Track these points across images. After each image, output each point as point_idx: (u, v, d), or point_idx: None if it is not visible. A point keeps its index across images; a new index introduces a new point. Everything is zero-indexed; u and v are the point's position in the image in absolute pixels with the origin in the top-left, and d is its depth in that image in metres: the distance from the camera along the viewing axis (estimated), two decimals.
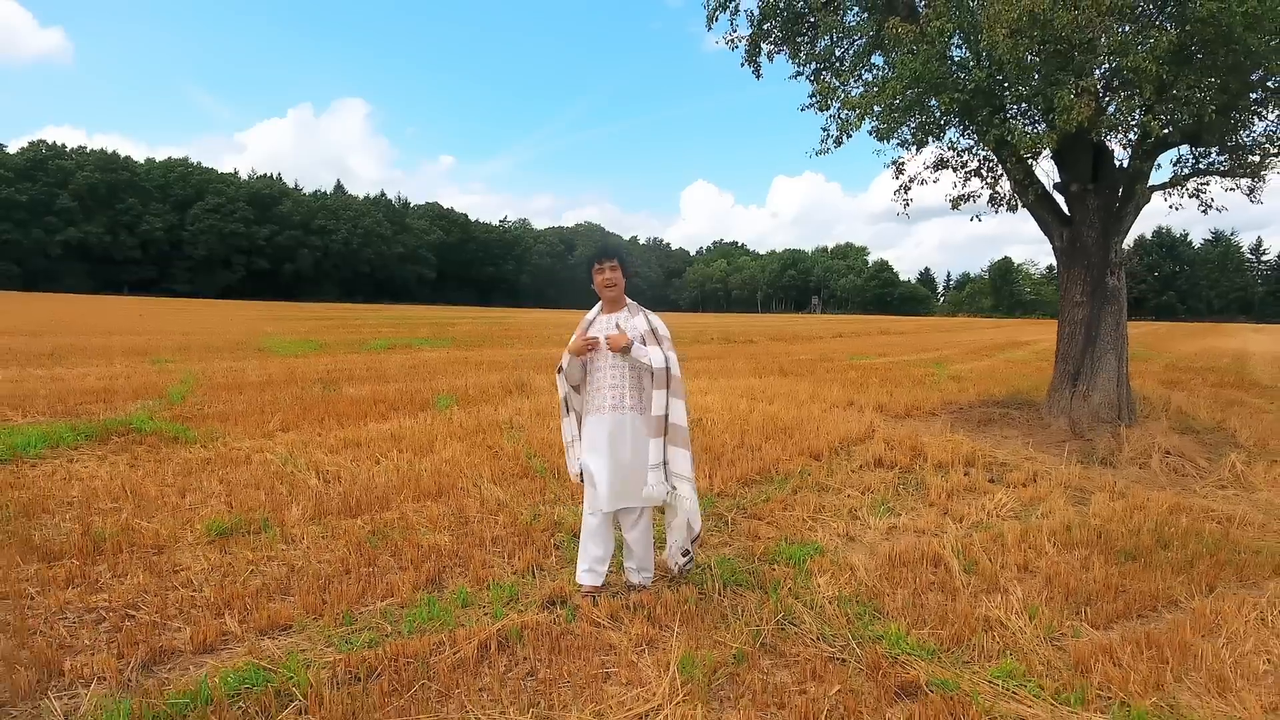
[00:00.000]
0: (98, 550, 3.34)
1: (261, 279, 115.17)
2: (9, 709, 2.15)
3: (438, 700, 2.27)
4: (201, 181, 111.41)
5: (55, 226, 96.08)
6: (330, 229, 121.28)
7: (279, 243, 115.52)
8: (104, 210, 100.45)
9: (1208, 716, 2.36)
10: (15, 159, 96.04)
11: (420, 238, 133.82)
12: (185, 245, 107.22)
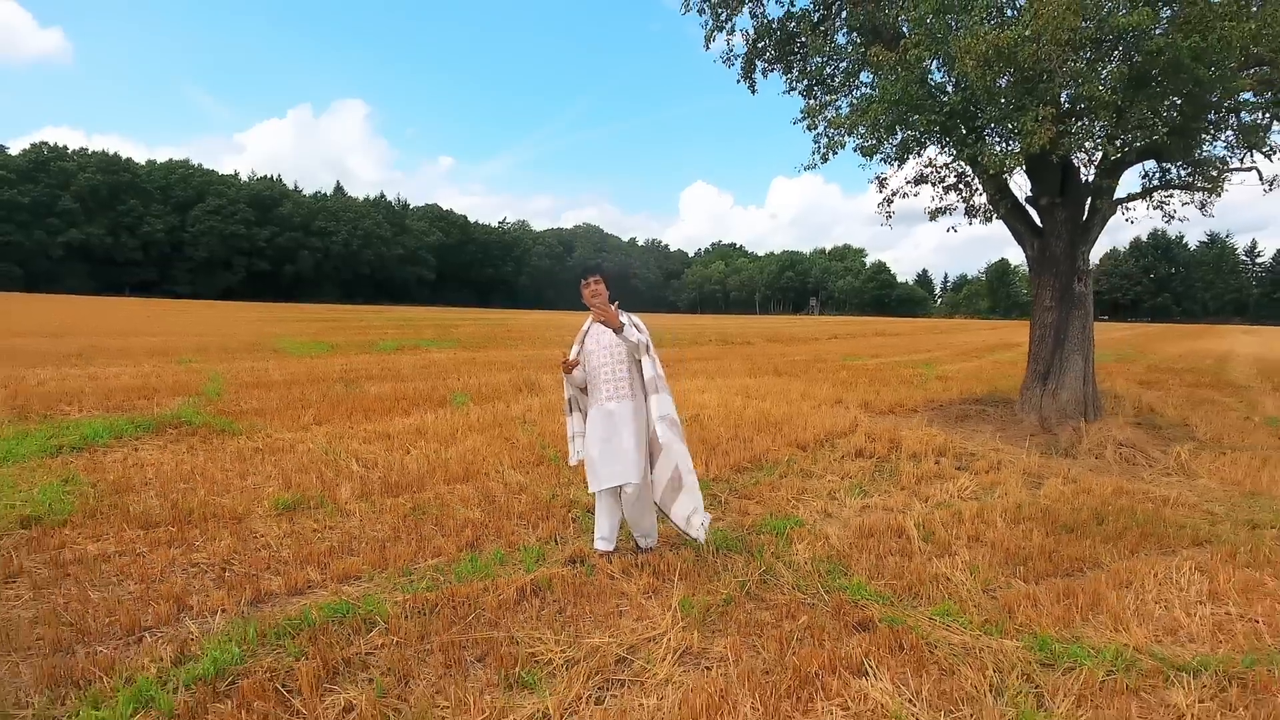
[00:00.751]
0: (187, 520, 3.93)
1: (262, 280, 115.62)
2: (155, 630, 2.74)
3: (488, 626, 2.87)
4: (202, 183, 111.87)
5: (57, 228, 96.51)
6: (330, 230, 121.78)
7: (279, 244, 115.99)
8: (105, 212, 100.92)
9: (1100, 643, 2.96)
10: (17, 160, 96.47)
11: (420, 239, 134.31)
12: (186, 247, 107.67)
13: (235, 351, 14.86)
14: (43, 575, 3.19)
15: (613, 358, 3.66)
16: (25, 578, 3.16)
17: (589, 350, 3.74)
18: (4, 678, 2.35)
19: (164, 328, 23.13)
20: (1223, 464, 6.55)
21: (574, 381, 3.79)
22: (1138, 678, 2.71)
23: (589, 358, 3.72)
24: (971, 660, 2.77)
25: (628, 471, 3.55)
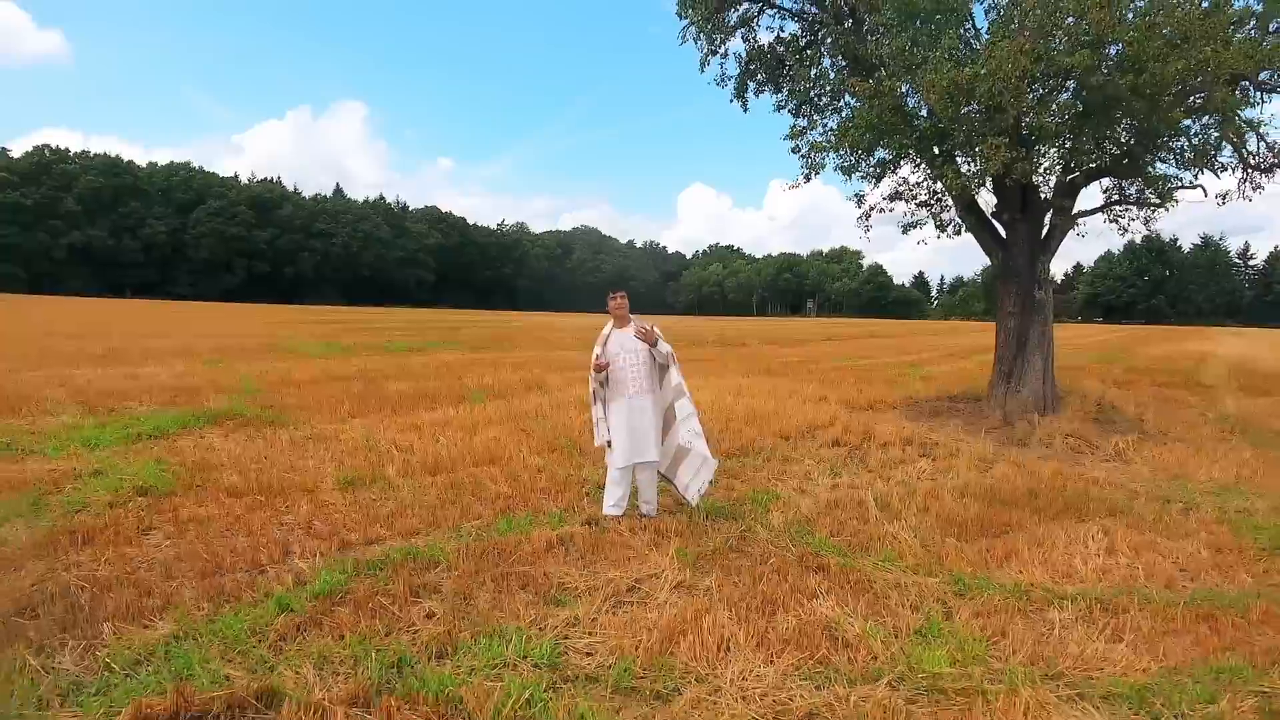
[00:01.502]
0: (268, 491, 4.74)
1: (262, 282, 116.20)
2: (268, 569, 3.55)
3: (526, 565, 3.68)
4: (203, 185, 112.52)
5: (60, 230, 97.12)
6: (330, 232, 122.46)
7: (280, 246, 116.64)
8: (107, 214, 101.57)
9: (1005, 581, 3.78)
10: (20, 163, 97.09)
11: (419, 241, 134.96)
12: (187, 248, 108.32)
13: (254, 353, 15.66)
14: (169, 530, 3.99)
15: (637, 359, 4.47)
16: (157, 531, 3.96)
17: (613, 353, 4.51)
18: (173, 593, 3.16)
19: (177, 330, 23.90)
20: (1159, 453, 7.38)
21: (599, 378, 4.55)
22: (1028, 603, 3.53)
23: (613, 359, 4.50)
24: (900, 590, 3.59)
25: (649, 451, 4.41)
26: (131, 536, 3.83)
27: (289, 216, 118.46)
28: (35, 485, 4.58)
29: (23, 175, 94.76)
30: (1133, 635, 3.19)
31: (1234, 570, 4.09)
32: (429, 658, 2.71)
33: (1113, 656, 2.97)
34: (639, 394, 4.47)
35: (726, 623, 3.11)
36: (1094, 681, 2.77)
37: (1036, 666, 2.86)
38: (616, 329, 4.64)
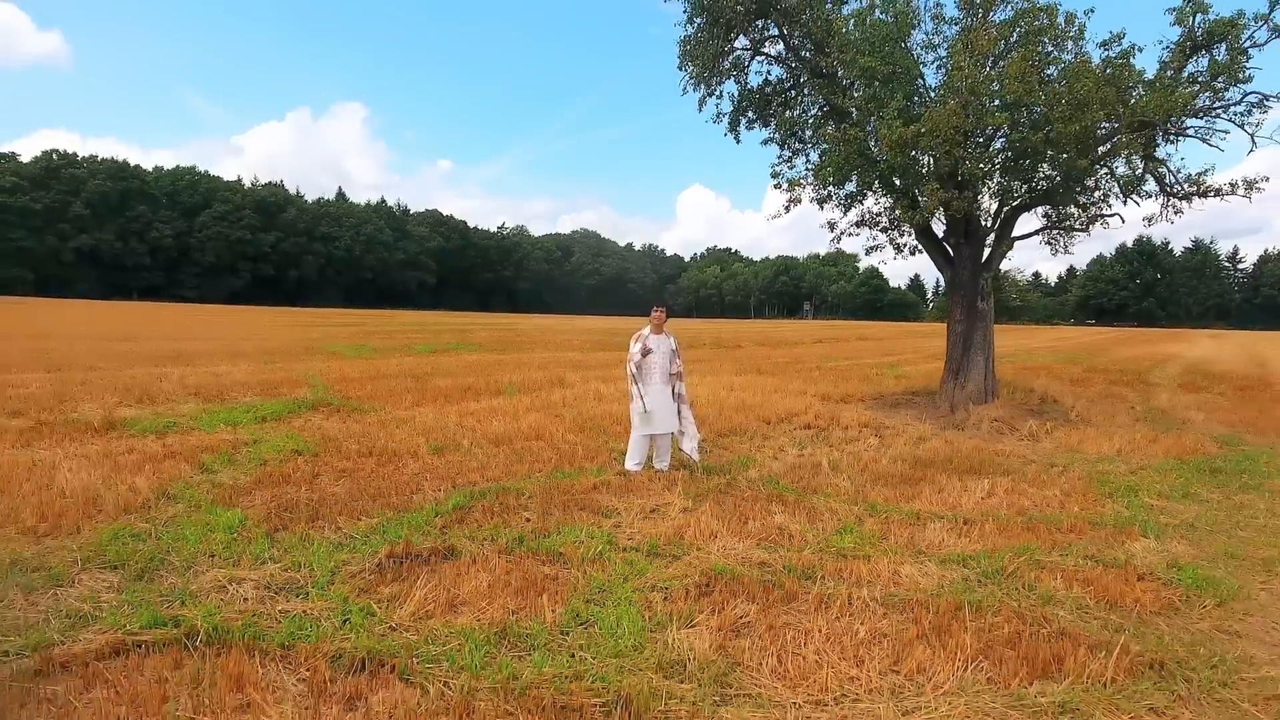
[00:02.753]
0: (383, 455, 6.51)
1: (267, 285, 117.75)
2: (415, 496, 5.31)
3: (584, 494, 5.45)
4: (209, 189, 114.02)
5: (68, 233, 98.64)
6: (334, 236, 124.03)
7: (284, 249, 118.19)
8: (115, 218, 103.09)
9: (910, 507, 5.56)
10: (29, 167, 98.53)
11: (421, 244, 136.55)
12: (193, 252, 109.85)
13: (297, 354, 17.40)
14: (332, 476, 5.77)
15: (664, 361, 6.26)
16: (323, 477, 5.73)
17: (644, 345, 6.27)
18: (363, 507, 4.92)
19: (211, 333, 25.64)
20: (1067, 433, 9.18)
21: (638, 363, 6.27)
22: (917, 520, 5.31)
23: (649, 357, 6.27)
24: (831, 512, 5.37)
25: (669, 423, 6.23)
26: (309, 480, 5.60)
27: (292, 220, 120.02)
28: (217, 450, 6.35)
29: (32, 180, 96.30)
30: (978, 535, 4.97)
31: (1070, 504, 5.88)
32: (536, 536, 4.49)
33: (958, 544, 4.75)
34: (661, 384, 6.26)
35: (714, 524, 4.89)
36: (939, 554, 4.55)
37: (907, 548, 4.64)
38: (653, 333, 6.42)
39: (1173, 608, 3.82)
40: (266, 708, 2.49)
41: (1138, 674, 3.04)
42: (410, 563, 3.91)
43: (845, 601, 3.63)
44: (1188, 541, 5.00)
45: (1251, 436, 9.76)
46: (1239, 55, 10.50)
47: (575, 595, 3.57)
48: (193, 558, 3.85)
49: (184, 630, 2.99)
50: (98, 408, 8.11)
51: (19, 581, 3.42)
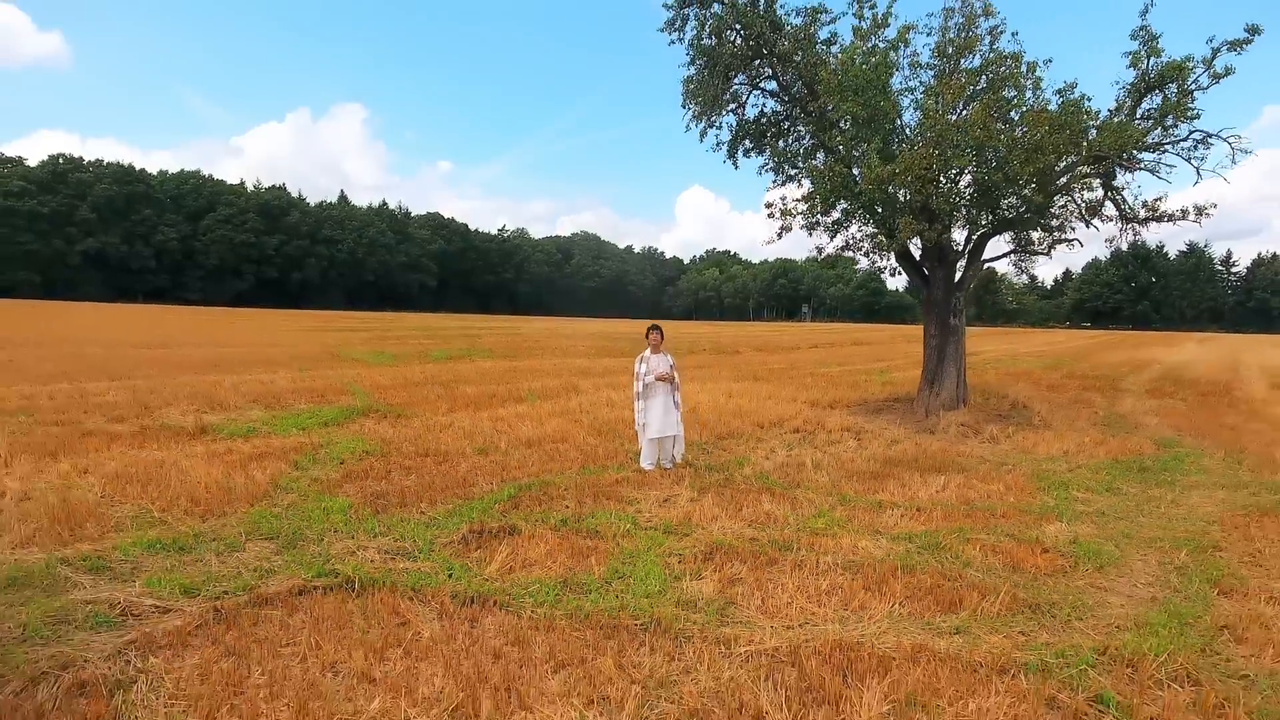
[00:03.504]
0: (435, 455, 7.75)
1: (270, 287, 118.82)
2: (472, 489, 6.55)
3: (609, 487, 6.70)
4: (213, 193, 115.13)
5: (75, 237, 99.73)
6: (336, 239, 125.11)
7: (287, 252, 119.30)
8: (121, 221, 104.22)
9: (870, 499, 6.80)
10: (37, 172, 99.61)
11: (422, 247, 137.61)
12: (198, 255, 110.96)
13: (325, 361, 18.64)
14: (401, 473, 7.00)
15: (669, 376, 7.50)
16: (394, 471, 6.97)
17: (648, 366, 7.53)
18: (435, 496, 6.16)
19: (234, 339, 26.86)
20: (1025, 436, 10.43)
21: (644, 383, 7.53)
22: (879, 508, 6.55)
23: (649, 373, 7.51)
24: (810, 502, 6.61)
25: (672, 427, 7.47)
26: (384, 475, 6.84)
27: (296, 223, 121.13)
28: (301, 451, 7.59)
29: (39, 183, 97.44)
30: (926, 519, 6.22)
31: (1008, 496, 7.13)
32: (576, 519, 5.73)
33: (908, 525, 6.00)
34: (663, 396, 7.51)
35: (715, 510, 6.13)
36: (891, 533, 5.79)
37: (867, 529, 5.88)
38: (652, 353, 7.67)
39: (1062, 571, 5.07)
40: (420, 625, 3.74)
41: (1017, 611, 4.29)
42: (485, 536, 5.16)
43: (814, 565, 4.88)
44: (1094, 525, 6.25)
45: (1191, 439, 11.02)
46: (1186, 96, 11.78)
47: (613, 559, 4.81)
48: (322, 532, 5.09)
49: (341, 579, 4.23)
50: (181, 414, 9.35)
51: (209, 547, 4.66)
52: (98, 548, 4.54)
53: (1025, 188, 10.41)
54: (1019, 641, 3.83)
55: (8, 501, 5.41)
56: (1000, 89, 11.34)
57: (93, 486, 5.83)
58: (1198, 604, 4.47)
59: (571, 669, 3.36)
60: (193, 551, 4.61)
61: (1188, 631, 4.03)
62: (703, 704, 3.11)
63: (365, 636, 3.56)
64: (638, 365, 7.64)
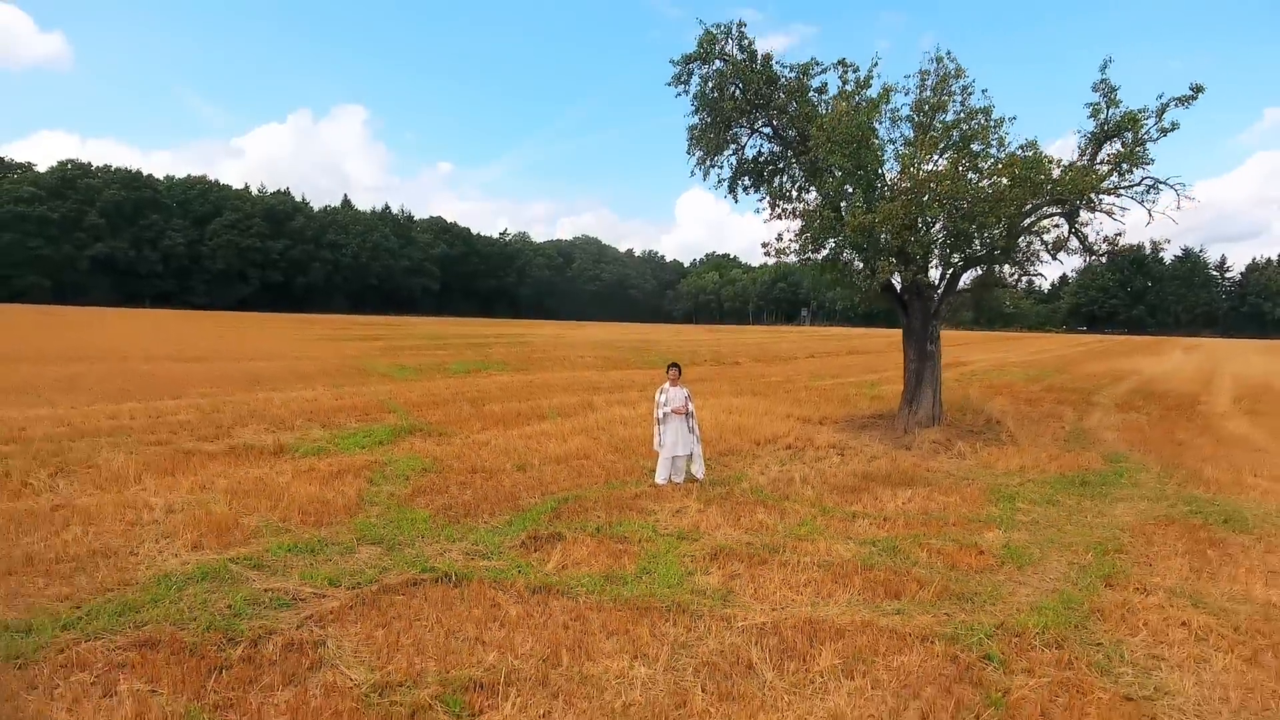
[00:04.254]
0: (484, 471, 9.17)
1: (275, 291, 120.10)
2: (519, 500, 7.97)
3: (631, 500, 8.13)
4: (220, 198, 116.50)
5: (84, 242, 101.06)
6: (340, 243, 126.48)
7: (292, 257, 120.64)
8: (129, 226, 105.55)
9: (852, 509, 8.23)
10: (46, 178, 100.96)
11: (425, 251, 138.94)
12: (204, 259, 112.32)
13: (352, 375, 20.06)
14: (457, 488, 8.43)
15: (681, 404, 8.93)
16: (452, 486, 8.39)
17: (667, 399, 8.96)
18: (491, 507, 7.59)
19: (259, 350, 28.28)
20: (989, 453, 11.86)
21: (664, 412, 8.96)
22: (852, 518, 7.97)
23: (668, 404, 8.94)
24: (797, 512, 8.05)
25: (684, 447, 8.90)
26: (444, 490, 8.27)
27: (300, 228, 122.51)
28: (370, 468, 9.02)
29: (49, 189, 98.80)
30: (889, 526, 7.64)
31: (962, 507, 8.56)
32: (608, 526, 7.16)
33: (874, 532, 7.42)
34: (680, 421, 8.95)
35: (719, 519, 7.56)
36: (860, 538, 7.21)
37: (841, 535, 7.30)
38: (671, 386, 9.10)
39: (989, 569, 6.50)
40: (507, 606, 5.17)
41: (945, 598, 5.71)
42: (539, 541, 6.59)
43: (795, 564, 6.30)
44: (1027, 532, 7.69)
45: (1138, 455, 12.46)
46: (1139, 144, 13.23)
47: (640, 559, 6.25)
48: (412, 538, 6.52)
49: (440, 574, 5.66)
50: (255, 434, 10.79)
51: (332, 549, 6.10)
52: (250, 550, 5.96)
53: (992, 230, 11.86)
54: (941, 620, 5.26)
55: (159, 514, 6.84)
56: (970, 142, 12.80)
57: (218, 500, 7.26)
58: (1085, 593, 5.90)
59: (619, 636, 4.79)
60: (320, 553, 6.04)
61: (1069, 613, 5.47)
62: (711, 659, 4.53)
63: (471, 613, 5.00)
64: (659, 396, 9.08)
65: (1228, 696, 4.33)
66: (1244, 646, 4.99)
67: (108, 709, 3.73)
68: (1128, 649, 4.90)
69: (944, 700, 4.11)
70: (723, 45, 14.15)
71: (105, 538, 6.14)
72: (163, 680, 4.00)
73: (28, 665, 4.09)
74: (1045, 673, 4.48)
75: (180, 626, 4.61)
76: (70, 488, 7.62)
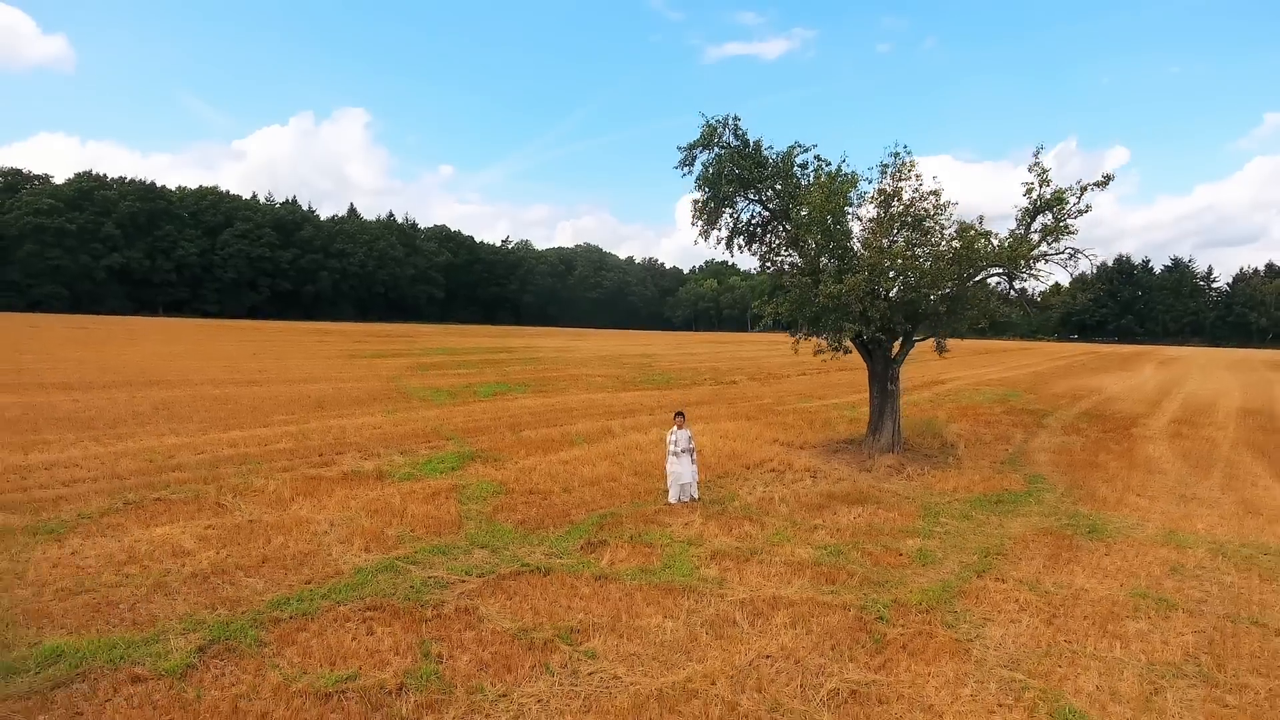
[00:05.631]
0: (537, 493, 12.11)
1: (284, 299, 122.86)
2: (572, 518, 10.91)
3: (652, 515, 11.08)
4: (231, 209, 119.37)
5: (100, 253, 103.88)
6: (348, 252, 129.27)
7: (301, 265, 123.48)
8: (143, 237, 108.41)
9: (815, 523, 11.18)
10: (65, 190, 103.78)
11: (430, 259, 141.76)
12: (216, 269, 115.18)
13: (396, 399, 23.00)
14: (523, 506, 11.36)
15: (687, 445, 11.89)
16: (518, 505, 11.33)
17: (676, 439, 11.92)
18: (555, 520, 10.53)
19: (299, 371, 31.19)
20: (934, 476, 14.80)
21: (674, 450, 11.91)
22: (814, 529, 10.92)
23: (676, 444, 11.90)
24: (774, 524, 11.00)
25: (690, 475, 11.89)
26: (512, 507, 11.21)
27: (309, 237, 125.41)
28: (450, 491, 11.95)
29: (68, 202, 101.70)
30: (839, 535, 10.59)
31: (898, 521, 11.50)
32: (639, 536, 10.11)
33: (829, 540, 10.37)
34: (685, 455, 11.90)
35: (716, 530, 10.52)
36: (815, 544, 10.15)
37: (803, 542, 10.24)
38: (678, 429, 12.05)
39: (902, 566, 9.44)
40: (582, 588, 8.12)
41: (865, 584, 8.66)
42: (593, 546, 9.55)
43: (769, 562, 9.24)
44: (939, 540, 10.64)
45: (1056, 476, 15.43)
46: (1063, 219, 16.26)
47: (662, 558, 9.19)
48: (505, 543, 9.46)
49: (534, 568, 8.61)
50: (354, 461, 13.73)
51: (456, 550, 9.05)
52: (403, 552, 8.91)
53: (938, 299, 14.86)
54: (859, 597, 8.21)
55: (324, 527, 9.77)
56: (922, 221, 15.82)
57: (360, 516, 10.20)
58: (960, 581, 8.85)
59: (653, 605, 7.73)
60: (449, 554, 8.98)
61: (944, 594, 8.42)
62: (710, 618, 7.47)
63: (559, 592, 7.95)
64: (669, 436, 12.04)
65: (1019, 639, 7.28)
66: (1046, 613, 7.95)
67: (373, 638, 6.66)
68: (970, 615, 7.86)
69: (847, 640, 7.07)
70: (721, 134, 17.20)
71: (301, 544, 9.08)
72: (394, 625, 6.94)
73: (315, 617, 7.03)
74: (911, 626, 7.44)
75: (386, 599, 7.55)
76: (250, 507, 10.56)
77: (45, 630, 6.56)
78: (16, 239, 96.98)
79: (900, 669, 6.52)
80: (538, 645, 6.68)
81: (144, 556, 8.43)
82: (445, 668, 6.18)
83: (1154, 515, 12.35)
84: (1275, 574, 9.49)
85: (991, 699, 6.07)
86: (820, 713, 5.72)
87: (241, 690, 5.68)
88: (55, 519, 9.65)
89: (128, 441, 14.66)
